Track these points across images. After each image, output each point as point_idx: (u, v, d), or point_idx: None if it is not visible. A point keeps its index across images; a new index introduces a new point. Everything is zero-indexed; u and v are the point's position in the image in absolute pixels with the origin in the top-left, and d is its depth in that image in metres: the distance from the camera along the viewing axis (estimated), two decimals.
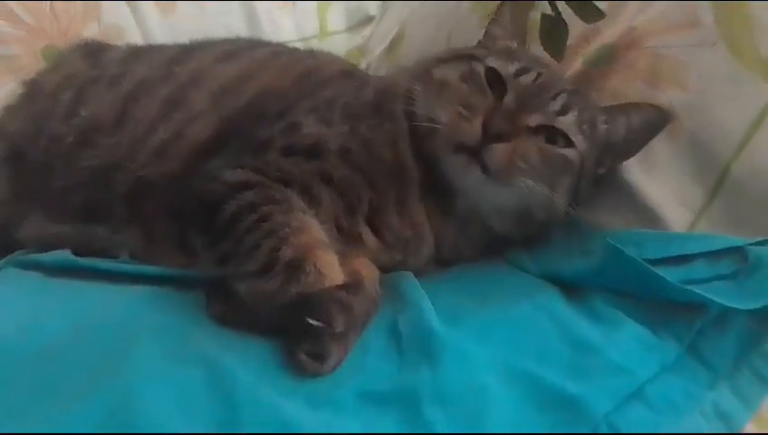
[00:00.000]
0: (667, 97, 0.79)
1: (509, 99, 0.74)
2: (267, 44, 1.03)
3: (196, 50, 0.96)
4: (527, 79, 0.76)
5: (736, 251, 0.65)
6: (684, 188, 0.76)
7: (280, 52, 0.97)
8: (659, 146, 0.78)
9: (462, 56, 0.81)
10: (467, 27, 1.09)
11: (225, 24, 1.40)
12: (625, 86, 0.83)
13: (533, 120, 0.74)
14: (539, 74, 0.77)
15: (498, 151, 0.70)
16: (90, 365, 0.57)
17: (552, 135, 0.74)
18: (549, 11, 0.76)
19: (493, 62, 0.77)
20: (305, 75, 0.88)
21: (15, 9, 1.21)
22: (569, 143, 0.75)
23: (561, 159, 0.75)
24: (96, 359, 0.58)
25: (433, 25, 1.22)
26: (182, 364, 0.56)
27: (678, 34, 0.80)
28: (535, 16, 0.88)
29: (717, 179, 0.74)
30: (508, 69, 0.76)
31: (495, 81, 0.76)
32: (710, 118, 0.76)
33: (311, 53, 0.97)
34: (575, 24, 0.93)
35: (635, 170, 0.80)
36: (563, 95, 0.76)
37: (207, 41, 0.99)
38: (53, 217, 0.90)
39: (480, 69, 0.77)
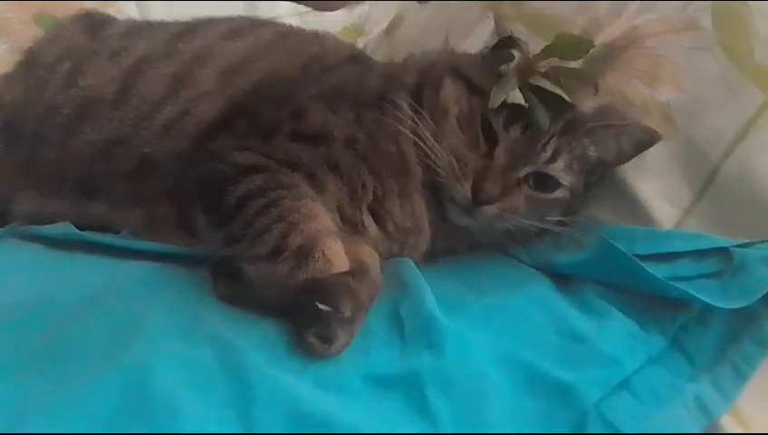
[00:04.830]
0: (662, 97, 0.81)
1: (500, 154, 0.76)
2: (269, 24, 1.03)
3: (199, 27, 0.94)
4: (518, 130, 0.76)
5: (721, 251, 0.68)
6: (673, 186, 0.78)
7: (285, 33, 0.97)
8: None
9: (467, 80, 0.80)
10: (469, 12, 1.10)
11: None
12: (622, 84, 0.84)
13: (523, 172, 0.77)
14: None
15: (488, 211, 0.75)
16: (102, 340, 0.59)
17: (542, 178, 0.78)
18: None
19: (489, 105, 0.75)
20: (312, 60, 0.88)
21: None
22: (558, 185, 0.78)
23: (551, 201, 0.79)
24: (108, 334, 0.59)
25: (434, 9, 1.22)
26: (193, 343, 0.58)
27: (677, 37, 0.82)
28: None
29: (706, 180, 0.76)
30: (500, 120, 0.76)
31: (489, 129, 0.76)
32: (702, 119, 0.78)
33: (316, 36, 0.96)
34: (576, 20, 0.95)
35: (627, 167, 0.82)
36: (553, 141, 0.77)
37: (209, 19, 0.98)
38: (47, 192, 0.89)
39: (477, 112, 0.77)
